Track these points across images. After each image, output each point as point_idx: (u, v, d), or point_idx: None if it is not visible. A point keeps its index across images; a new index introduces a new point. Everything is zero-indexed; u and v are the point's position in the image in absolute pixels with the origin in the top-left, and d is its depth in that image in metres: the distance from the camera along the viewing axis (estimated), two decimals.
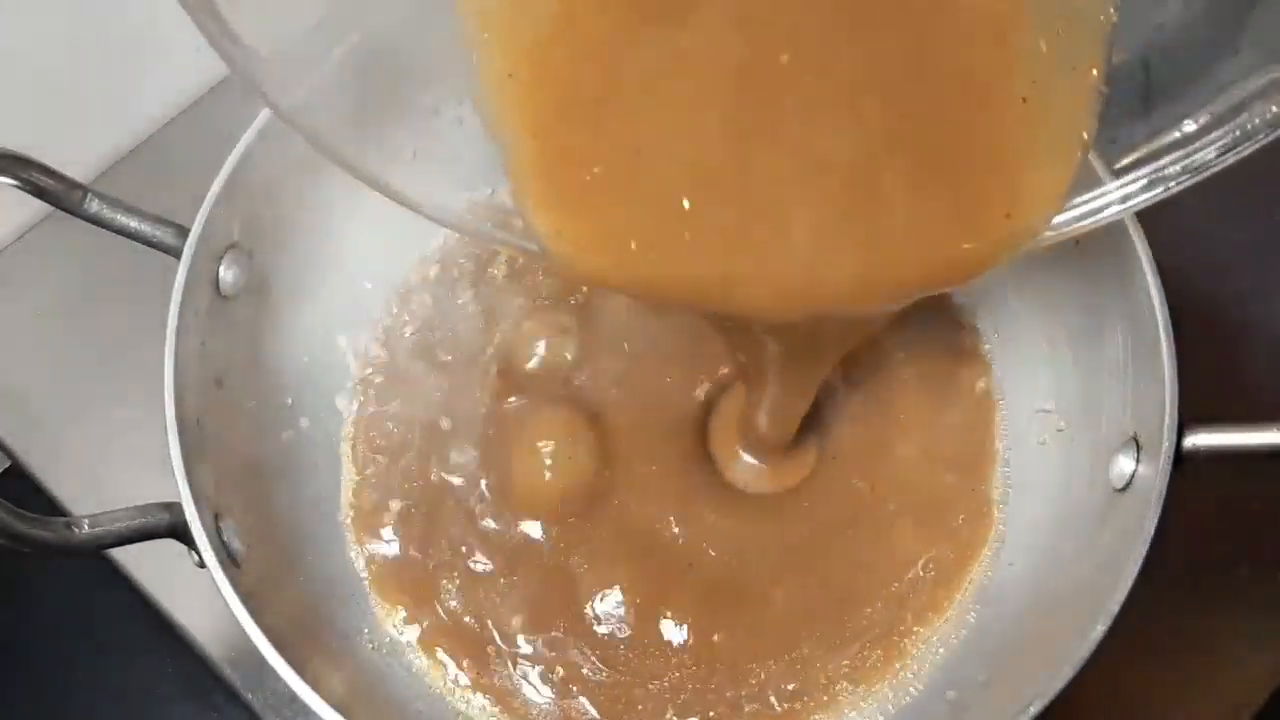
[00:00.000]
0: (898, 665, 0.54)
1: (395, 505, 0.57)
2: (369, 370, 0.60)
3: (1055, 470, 0.56)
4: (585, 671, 0.53)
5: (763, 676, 0.53)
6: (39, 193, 0.49)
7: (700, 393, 0.58)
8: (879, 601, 0.55)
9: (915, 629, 0.54)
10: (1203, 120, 0.38)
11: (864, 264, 0.38)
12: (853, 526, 0.56)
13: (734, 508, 0.57)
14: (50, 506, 0.59)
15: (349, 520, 0.57)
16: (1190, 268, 0.61)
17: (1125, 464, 0.50)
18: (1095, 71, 0.38)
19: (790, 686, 0.53)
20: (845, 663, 0.54)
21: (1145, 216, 0.51)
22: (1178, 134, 0.38)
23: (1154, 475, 0.47)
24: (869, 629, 0.54)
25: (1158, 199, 0.39)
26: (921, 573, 0.55)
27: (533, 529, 0.56)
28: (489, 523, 0.56)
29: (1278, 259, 0.65)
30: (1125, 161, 0.39)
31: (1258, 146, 0.37)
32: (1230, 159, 0.37)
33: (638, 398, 0.58)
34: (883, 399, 0.59)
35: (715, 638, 0.54)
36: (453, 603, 0.55)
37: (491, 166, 0.39)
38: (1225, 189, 0.65)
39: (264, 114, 0.54)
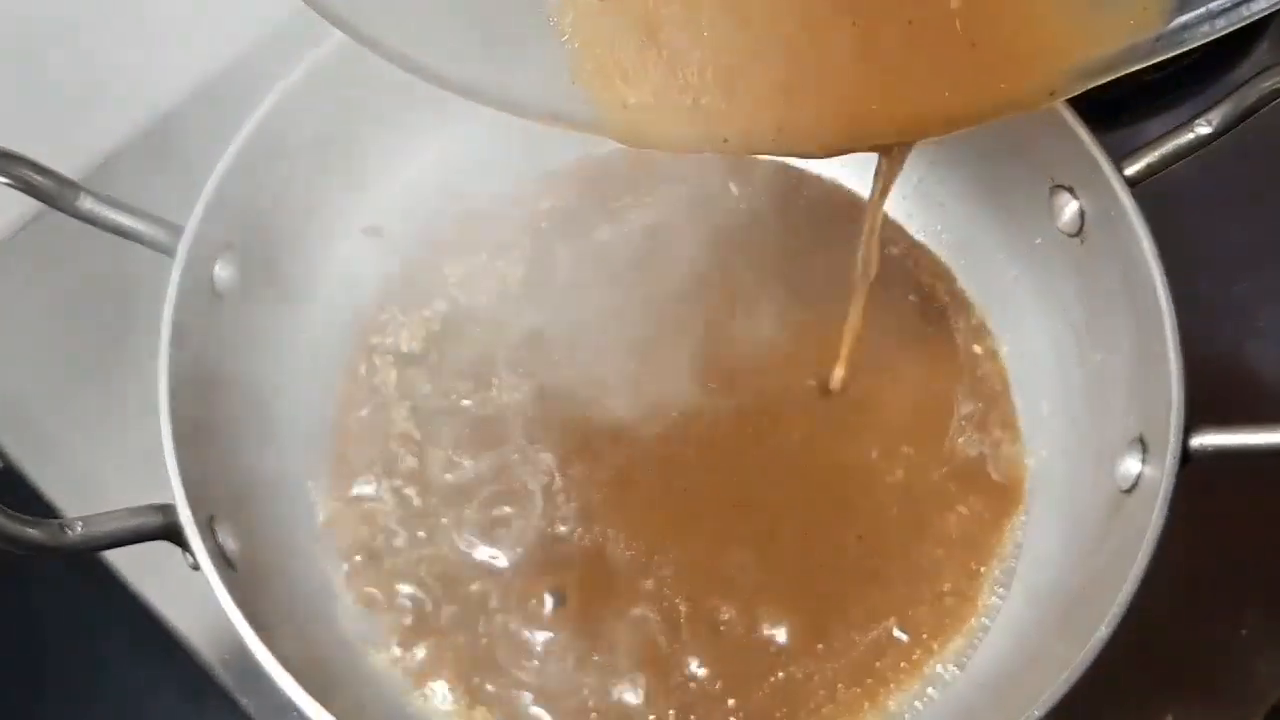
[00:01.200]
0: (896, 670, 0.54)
1: (385, 508, 0.57)
2: (365, 370, 0.60)
3: (1061, 471, 0.56)
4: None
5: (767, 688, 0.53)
6: (31, 190, 0.49)
7: None
8: (885, 619, 0.54)
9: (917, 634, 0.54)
10: None
11: (928, 101, 0.38)
12: (867, 531, 0.56)
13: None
14: (43, 508, 0.59)
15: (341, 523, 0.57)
16: (1197, 268, 0.60)
17: (1131, 465, 0.50)
18: None
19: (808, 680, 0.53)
20: (846, 665, 0.53)
21: (1152, 216, 0.50)
22: None
23: (1160, 476, 0.47)
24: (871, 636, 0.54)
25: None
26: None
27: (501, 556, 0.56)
28: (473, 535, 0.56)
29: None
30: None
31: None
32: None
33: None
34: (889, 402, 0.58)
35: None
36: (441, 617, 0.54)
37: (552, 52, 0.38)
38: (1232, 189, 0.65)
39: (261, 112, 0.53)
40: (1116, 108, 0.66)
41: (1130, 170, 0.51)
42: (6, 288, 0.65)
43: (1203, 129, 0.51)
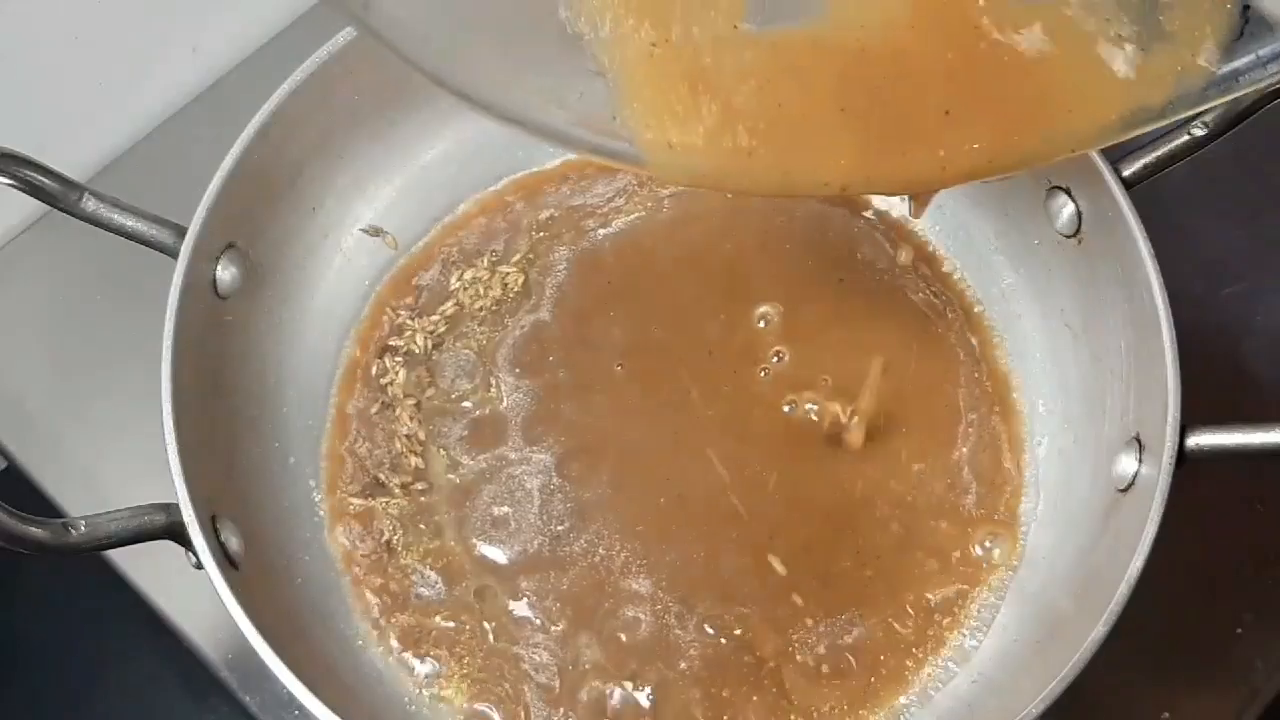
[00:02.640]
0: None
1: (386, 507, 0.57)
2: (366, 369, 0.60)
3: (1058, 471, 0.56)
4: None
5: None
6: (35, 192, 0.49)
7: None
8: (878, 630, 0.54)
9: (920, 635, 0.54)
10: None
11: (978, 150, 0.38)
12: (864, 543, 0.56)
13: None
14: (47, 507, 0.59)
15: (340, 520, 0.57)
16: (1193, 268, 0.61)
17: (1128, 464, 0.50)
18: None
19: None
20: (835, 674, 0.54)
21: (1148, 218, 0.50)
22: None
23: (1156, 475, 0.47)
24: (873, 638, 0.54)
25: None
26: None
27: (501, 553, 0.56)
28: (473, 533, 0.56)
29: (1279, 259, 0.65)
30: None
31: None
32: None
33: None
34: (891, 409, 0.58)
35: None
36: (441, 614, 0.55)
37: (593, 84, 0.38)
38: (1229, 190, 0.66)
39: (262, 113, 0.54)
40: None
41: (1127, 172, 0.51)
42: (10, 288, 0.65)
43: (1199, 131, 0.51)
